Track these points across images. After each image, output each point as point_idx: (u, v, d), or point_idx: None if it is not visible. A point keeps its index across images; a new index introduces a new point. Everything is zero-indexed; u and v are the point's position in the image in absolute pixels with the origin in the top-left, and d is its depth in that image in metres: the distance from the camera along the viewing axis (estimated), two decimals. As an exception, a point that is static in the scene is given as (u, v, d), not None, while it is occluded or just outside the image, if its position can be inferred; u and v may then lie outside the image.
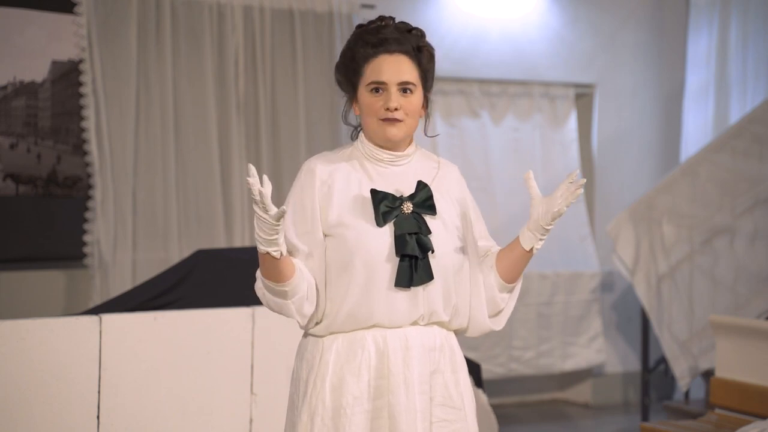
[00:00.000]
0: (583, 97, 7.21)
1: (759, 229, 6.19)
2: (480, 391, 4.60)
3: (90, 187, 5.45)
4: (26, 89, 5.35)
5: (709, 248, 6.25)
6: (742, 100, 6.96)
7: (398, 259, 2.42)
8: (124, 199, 5.50)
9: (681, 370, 6.14)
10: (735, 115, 6.93)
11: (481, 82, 6.83)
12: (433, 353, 2.49)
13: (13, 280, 5.37)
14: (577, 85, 7.12)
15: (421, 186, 2.50)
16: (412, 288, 2.44)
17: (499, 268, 2.58)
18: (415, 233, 2.44)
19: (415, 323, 2.47)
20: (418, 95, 2.53)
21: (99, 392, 3.62)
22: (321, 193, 2.47)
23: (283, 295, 2.42)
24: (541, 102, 7.02)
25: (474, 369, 4.61)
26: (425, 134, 2.65)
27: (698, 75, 7.16)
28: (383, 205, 2.44)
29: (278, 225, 2.30)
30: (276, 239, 2.32)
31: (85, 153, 5.46)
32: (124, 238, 5.48)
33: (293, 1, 5.94)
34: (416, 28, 2.56)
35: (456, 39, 6.64)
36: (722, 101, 7.04)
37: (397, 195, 2.47)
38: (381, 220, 2.44)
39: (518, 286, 2.63)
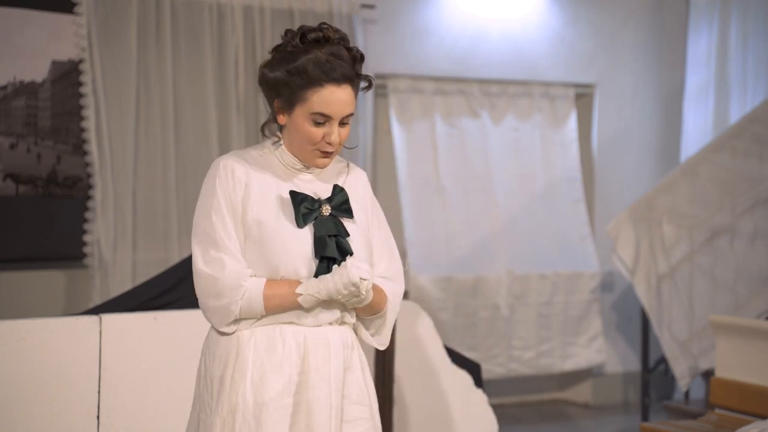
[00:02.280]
0: (583, 97, 7.21)
1: (759, 229, 6.19)
2: (480, 391, 4.60)
3: (90, 187, 5.45)
4: (26, 89, 5.35)
5: (709, 248, 6.25)
6: (742, 100, 6.96)
7: (317, 260, 2.43)
8: (124, 199, 5.50)
9: (681, 370, 6.14)
10: (735, 115, 6.93)
11: (481, 82, 6.83)
12: (346, 350, 2.51)
13: (13, 280, 5.37)
14: (577, 85, 7.12)
15: (338, 189, 2.50)
16: None
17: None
18: (335, 236, 2.45)
19: (331, 324, 2.49)
20: (351, 123, 2.51)
21: (99, 392, 3.62)
22: (240, 194, 2.46)
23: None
24: (541, 102, 7.02)
25: (474, 369, 4.61)
26: (345, 146, 2.59)
27: (698, 75, 7.16)
28: (303, 206, 2.44)
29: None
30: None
31: (85, 153, 5.46)
32: (124, 238, 5.48)
33: (293, 1, 5.94)
34: (357, 51, 2.49)
35: (456, 39, 6.64)
36: (722, 101, 7.04)
37: (315, 197, 2.47)
38: (302, 221, 2.43)
39: (384, 315, 2.59)
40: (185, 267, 4.08)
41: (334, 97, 2.42)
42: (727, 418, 4.59)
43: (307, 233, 2.44)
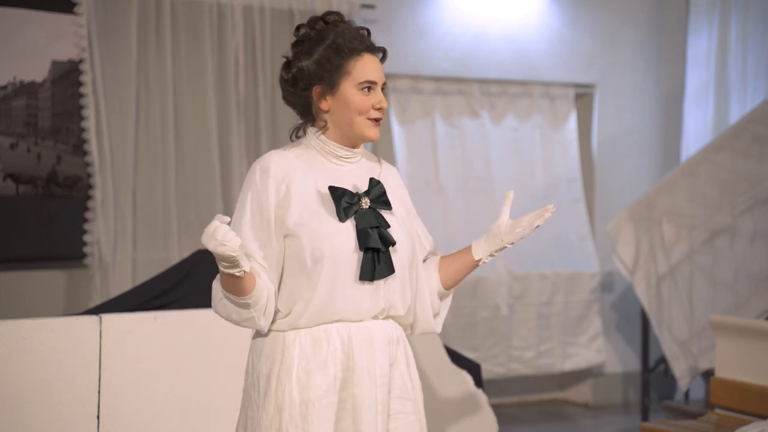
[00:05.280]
0: (583, 97, 7.21)
1: (759, 229, 6.19)
2: (480, 391, 4.60)
3: (90, 187, 5.45)
4: (26, 89, 5.35)
5: (709, 248, 6.25)
6: (742, 100, 6.96)
7: (361, 253, 2.45)
8: (124, 199, 5.50)
9: (681, 370, 6.14)
10: (735, 115, 6.93)
11: (481, 82, 6.83)
12: (391, 346, 2.54)
13: (13, 280, 5.37)
14: (577, 85, 7.12)
15: (374, 182, 2.54)
16: (374, 282, 2.47)
17: (441, 273, 2.66)
18: (376, 227, 2.48)
19: (375, 317, 2.51)
20: None
21: (99, 392, 3.62)
22: (278, 194, 2.47)
23: (246, 306, 2.44)
24: (541, 102, 7.02)
25: (474, 369, 4.61)
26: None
27: (698, 75, 7.16)
28: (344, 200, 2.47)
29: (236, 254, 2.29)
30: (238, 262, 2.32)
31: (85, 153, 5.46)
32: (124, 238, 5.49)
33: (293, 1, 5.94)
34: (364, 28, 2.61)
35: (456, 39, 6.64)
36: (722, 101, 7.04)
37: (354, 191, 2.50)
38: (343, 215, 2.46)
39: (451, 295, 2.72)
40: (185, 267, 4.09)
41: (374, 64, 2.52)
42: (727, 418, 4.59)
43: (349, 226, 2.47)
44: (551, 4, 6.93)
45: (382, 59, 2.58)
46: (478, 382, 4.60)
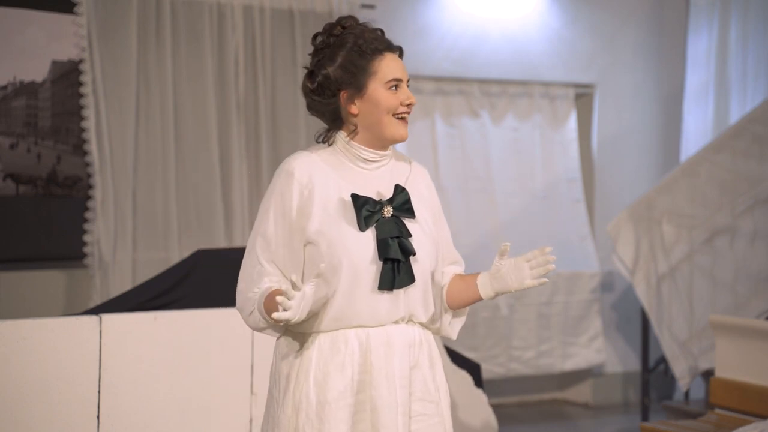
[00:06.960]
0: (583, 97, 7.21)
1: (759, 229, 6.19)
2: (480, 391, 4.60)
3: (90, 187, 5.45)
4: (26, 89, 5.35)
5: (709, 248, 6.25)
6: (742, 100, 6.96)
7: (381, 262, 2.44)
8: (124, 199, 5.50)
9: (681, 370, 6.14)
10: (735, 115, 6.93)
11: (481, 82, 6.83)
12: (412, 349, 2.52)
13: (13, 280, 5.37)
14: (577, 85, 7.13)
15: (399, 190, 2.51)
16: (394, 291, 2.46)
17: (448, 296, 2.64)
18: (397, 237, 2.46)
19: (396, 323, 2.51)
20: None
21: (99, 392, 3.62)
22: (301, 198, 2.47)
23: (277, 325, 2.48)
24: (541, 102, 7.02)
25: (474, 369, 4.61)
26: None
27: (698, 75, 7.16)
28: (365, 209, 2.45)
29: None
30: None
31: (85, 153, 5.46)
32: (124, 238, 5.49)
33: (293, 1, 5.94)
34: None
35: (456, 39, 6.64)
36: (722, 101, 7.04)
37: (377, 198, 2.49)
38: (363, 224, 2.45)
39: (467, 308, 2.70)
40: (185, 267, 4.09)
41: (397, 62, 2.51)
42: (727, 418, 4.59)
43: (369, 236, 2.45)
44: (551, 4, 6.94)
45: (400, 57, 2.57)
46: (478, 382, 4.60)
